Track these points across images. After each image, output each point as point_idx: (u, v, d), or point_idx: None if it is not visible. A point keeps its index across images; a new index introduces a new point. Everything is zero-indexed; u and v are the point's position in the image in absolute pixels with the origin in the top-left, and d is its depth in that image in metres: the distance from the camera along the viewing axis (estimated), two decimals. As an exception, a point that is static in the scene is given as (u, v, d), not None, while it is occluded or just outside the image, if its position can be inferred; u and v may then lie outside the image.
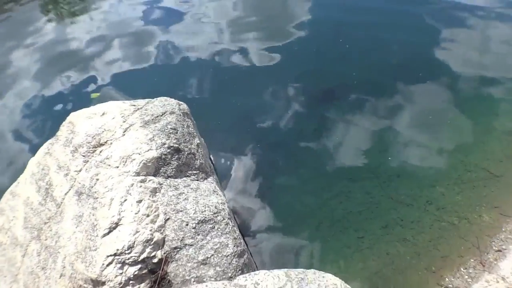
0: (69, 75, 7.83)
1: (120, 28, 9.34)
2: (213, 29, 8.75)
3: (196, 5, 9.98)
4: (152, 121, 4.08)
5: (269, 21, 8.70)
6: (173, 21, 9.36)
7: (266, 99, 6.54)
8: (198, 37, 8.51)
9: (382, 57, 7.35)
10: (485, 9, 8.49)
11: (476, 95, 6.30)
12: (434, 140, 5.60)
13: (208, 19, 9.17)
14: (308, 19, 8.57)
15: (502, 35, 7.66)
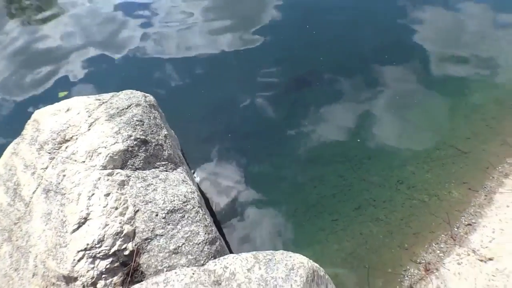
0: (36, 75, 7.66)
1: (88, 24, 9.17)
2: (183, 21, 8.67)
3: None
4: (118, 114, 4.05)
5: (239, 11, 8.66)
6: (142, 14, 9.23)
7: (236, 88, 6.54)
8: (168, 29, 8.43)
9: (348, 41, 7.43)
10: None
11: (443, 75, 6.42)
12: (403, 120, 5.69)
13: (178, 11, 9.08)
14: (276, 6, 8.53)
15: (469, 15, 7.79)
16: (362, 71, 6.61)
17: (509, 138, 5.34)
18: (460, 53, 6.80)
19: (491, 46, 6.95)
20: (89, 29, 8.94)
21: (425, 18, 7.77)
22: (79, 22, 9.32)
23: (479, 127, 5.48)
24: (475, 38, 7.19)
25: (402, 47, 7.09)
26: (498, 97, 5.93)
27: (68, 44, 8.45)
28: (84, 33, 8.81)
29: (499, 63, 6.57)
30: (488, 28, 7.46)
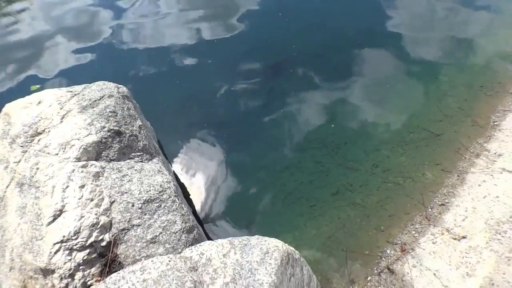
0: (6, 68, 7.49)
1: (59, 15, 8.97)
2: (157, 11, 8.59)
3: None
4: (90, 105, 4.04)
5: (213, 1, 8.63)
6: (115, 4, 9.11)
7: (212, 78, 6.52)
8: (142, 19, 8.34)
9: (321, 28, 7.48)
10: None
11: (415, 59, 6.54)
12: (377, 105, 5.78)
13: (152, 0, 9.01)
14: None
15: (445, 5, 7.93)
16: (335, 57, 6.68)
17: (479, 119, 5.48)
18: (432, 38, 6.94)
19: (462, 30, 7.11)
20: (60, 21, 8.76)
21: (398, 4, 7.87)
22: (50, 14, 9.14)
23: (451, 110, 5.60)
24: (446, 23, 7.34)
25: (374, 32, 7.18)
26: (468, 80, 6.07)
27: (39, 37, 8.28)
28: (55, 25, 8.64)
29: (470, 46, 6.74)
30: (459, 12, 7.60)
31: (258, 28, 7.56)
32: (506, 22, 7.38)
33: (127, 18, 8.45)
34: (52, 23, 8.68)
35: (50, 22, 8.79)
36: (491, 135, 5.29)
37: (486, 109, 5.62)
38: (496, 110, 5.62)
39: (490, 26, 7.27)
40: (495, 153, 5.03)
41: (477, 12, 7.62)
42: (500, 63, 6.44)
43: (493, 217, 4.35)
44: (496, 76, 6.14)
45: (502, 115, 5.56)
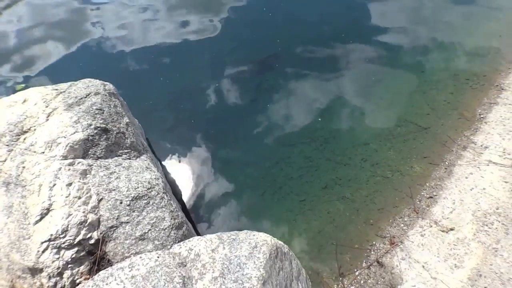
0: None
1: (45, 13, 8.86)
2: (143, 10, 8.55)
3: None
4: (76, 103, 4.01)
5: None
6: (101, 3, 9.03)
7: (200, 75, 6.51)
8: (129, 17, 8.29)
9: (305, 23, 7.55)
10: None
11: (401, 53, 6.60)
12: (365, 99, 5.82)
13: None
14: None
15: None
16: (321, 52, 6.74)
17: (466, 111, 5.54)
18: (418, 32, 7.01)
19: (447, 25, 7.18)
20: (46, 19, 8.64)
21: (384, 4, 7.92)
22: (36, 12, 9.01)
23: (438, 103, 5.65)
24: (431, 17, 7.41)
25: (360, 26, 7.27)
26: (454, 73, 6.15)
27: (24, 36, 8.17)
28: (41, 23, 8.52)
29: (455, 40, 6.81)
30: (444, 7, 7.66)
31: (243, 24, 7.57)
32: (490, 16, 7.46)
33: (113, 16, 8.36)
34: (38, 21, 8.55)
35: (35, 20, 8.66)
36: (478, 127, 5.35)
37: (472, 102, 5.69)
38: (482, 103, 5.69)
39: (474, 20, 7.36)
40: (482, 146, 5.08)
41: (461, 6, 7.69)
42: (485, 56, 6.52)
43: (480, 209, 4.40)
44: (481, 69, 6.22)
45: (488, 107, 5.62)
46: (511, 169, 4.73)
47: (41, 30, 8.27)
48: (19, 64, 7.35)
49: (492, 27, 7.13)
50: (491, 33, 6.98)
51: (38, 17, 8.79)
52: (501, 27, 7.20)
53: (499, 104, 5.66)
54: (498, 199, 4.45)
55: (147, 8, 8.40)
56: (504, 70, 6.26)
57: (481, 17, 7.43)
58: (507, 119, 5.39)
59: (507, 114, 5.48)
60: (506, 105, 5.63)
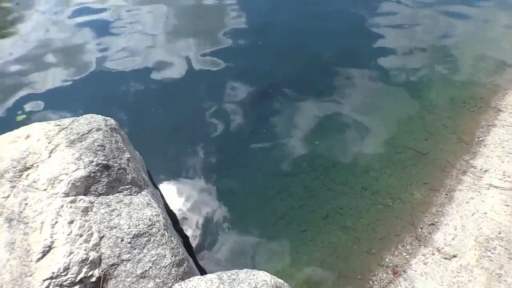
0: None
1: (47, 44, 8.97)
2: (145, 38, 8.71)
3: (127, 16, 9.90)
4: (78, 139, 4.06)
5: (198, 30, 8.74)
6: (104, 33, 9.17)
7: (200, 106, 6.56)
8: (131, 47, 8.43)
9: (302, 50, 7.69)
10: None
11: (398, 78, 6.69)
12: (363, 126, 5.85)
13: (139, 28, 9.11)
14: (234, 26, 8.70)
15: (422, 20, 8.13)
16: (318, 79, 6.84)
17: (464, 135, 5.57)
18: (413, 56, 7.09)
19: (442, 48, 7.27)
20: (47, 48, 8.77)
21: (377, 23, 8.04)
22: (37, 40, 9.16)
23: (436, 127, 5.68)
24: (426, 41, 7.53)
25: (355, 51, 7.34)
26: (451, 96, 6.19)
27: (24, 64, 8.27)
28: (42, 52, 8.63)
29: (451, 63, 6.89)
30: (438, 30, 7.78)
31: (242, 56, 7.66)
32: (484, 37, 7.56)
33: (114, 46, 8.50)
34: (38, 50, 8.67)
35: (36, 48, 8.77)
36: (477, 151, 5.37)
37: (470, 125, 5.72)
38: (480, 125, 5.72)
39: (469, 42, 7.45)
40: (481, 169, 5.09)
41: (455, 29, 7.82)
42: (480, 77, 6.60)
43: (482, 234, 4.38)
44: (478, 91, 6.27)
45: (486, 130, 5.64)
46: (511, 192, 4.72)
47: (40, 56, 8.36)
48: (17, 91, 7.37)
49: (486, 48, 7.22)
50: (485, 54, 7.05)
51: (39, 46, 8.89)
52: (496, 48, 7.29)
53: (497, 126, 5.69)
54: (499, 224, 4.44)
55: (147, 39, 8.53)
56: (501, 91, 6.31)
57: (476, 39, 7.53)
58: (505, 141, 5.41)
59: (505, 136, 5.50)
60: (504, 127, 5.65)
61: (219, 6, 9.61)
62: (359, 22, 8.27)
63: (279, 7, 9.31)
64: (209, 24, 8.89)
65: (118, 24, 9.37)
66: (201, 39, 8.29)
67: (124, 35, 8.89)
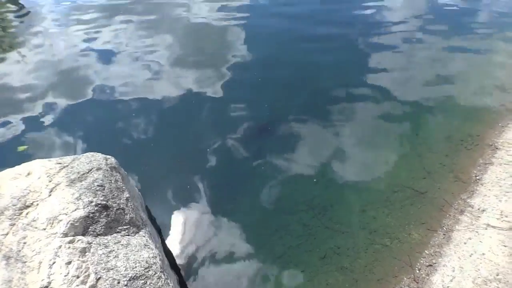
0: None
1: (50, 72, 9.14)
2: (147, 68, 8.88)
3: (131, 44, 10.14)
4: (79, 179, 4.11)
5: (199, 61, 8.89)
6: (107, 61, 9.38)
7: (199, 141, 6.61)
8: (132, 76, 8.60)
9: (301, 85, 7.82)
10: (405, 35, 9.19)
11: (395, 115, 6.75)
12: (361, 164, 5.89)
13: (142, 57, 9.31)
14: (236, 60, 8.87)
15: (420, 55, 8.29)
16: (318, 115, 6.91)
17: (461, 174, 5.60)
18: (410, 93, 7.21)
19: (438, 85, 7.38)
20: (49, 76, 8.92)
21: (375, 59, 8.20)
22: (40, 68, 9.31)
23: (433, 166, 5.72)
24: (422, 77, 7.66)
25: (355, 87, 7.48)
26: (449, 134, 6.25)
27: (26, 93, 8.39)
28: (44, 80, 8.78)
29: (447, 100, 6.99)
30: (435, 66, 7.92)
31: (242, 90, 7.79)
32: (480, 72, 7.68)
33: (114, 74, 8.68)
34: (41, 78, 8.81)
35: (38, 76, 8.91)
36: (474, 190, 5.40)
37: (467, 163, 5.75)
38: (477, 163, 5.76)
39: (465, 78, 7.58)
40: (479, 209, 5.11)
41: (452, 64, 7.96)
42: (477, 114, 6.67)
43: (480, 276, 4.37)
44: (474, 129, 6.34)
45: (483, 168, 5.68)
46: (509, 232, 4.73)
47: (43, 87, 8.47)
48: (19, 121, 7.45)
49: (482, 84, 7.33)
50: (482, 90, 7.16)
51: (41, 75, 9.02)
52: (492, 84, 7.41)
53: (494, 164, 5.73)
54: (497, 265, 4.43)
55: (148, 71, 8.66)
56: (497, 128, 6.38)
57: (472, 74, 7.66)
58: (502, 180, 5.44)
59: (502, 174, 5.53)
60: (501, 165, 5.69)
61: (221, 39, 9.82)
62: (358, 57, 8.45)
63: (281, 43, 9.50)
64: (211, 57, 9.07)
65: (119, 52, 9.59)
66: (202, 72, 8.43)
67: (126, 64, 9.09)
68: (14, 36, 11.56)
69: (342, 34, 9.47)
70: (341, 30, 9.81)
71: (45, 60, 9.59)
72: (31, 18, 12.53)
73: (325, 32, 9.60)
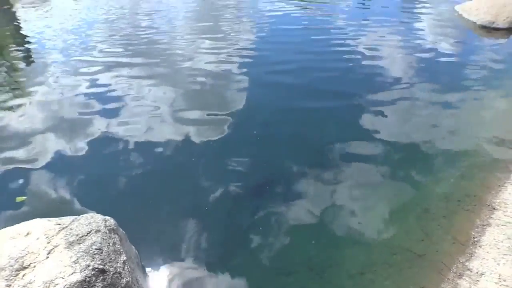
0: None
1: (51, 120, 9.30)
2: (147, 116, 9.15)
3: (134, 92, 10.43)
4: (77, 241, 4.14)
5: (199, 115, 9.06)
6: (110, 110, 9.58)
7: (196, 196, 6.64)
8: (131, 130, 8.72)
9: (301, 142, 7.99)
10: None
11: (391, 175, 6.82)
12: (358, 225, 5.87)
13: (143, 104, 9.62)
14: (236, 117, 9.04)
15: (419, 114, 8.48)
16: (315, 174, 6.97)
17: (459, 235, 5.61)
18: (407, 152, 7.31)
19: (435, 143, 7.52)
20: (50, 124, 9.08)
21: (374, 119, 8.39)
22: (41, 116, 9.50)
23: (431, 227, 5.72)
24: (419, 136, 7.82)
25: (353, 147, 7.60)
26: (446, 194, 6.28)
27: (28, 140, 8.48)
28: (45, 128, 8.92)
29: (444, 159, 7.07)
30: (431, 125, 8.10)
31: (242, 149, 7.87)
32: (475, 128, 7.85)
33: (113, 126, 8.84)
34: (42, 128, 8.91)
35: (41, 126, 9.00)
36: (472, 252, 5.39)
37: (465, 225, 5.77)
38: (475, 225, 5.78)
39: (461, 135, 7.73)
40: (477, 272, 5.09)
41: (447, 121, 8.15)
42: (473, 173, 6.76)
43: None
44: (471, 188, 6.39)
45: (481, 230, 5.70)
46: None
47: (43, 135, 8.61)
48: (18, 170, 7.50)
49: (479, 140, 7.48)
50: (478, 149, 7.28)
51: (43, 122, 9.16)
52: (488, 141, 7.55)
53: (492, 226, 5.75)
54: (497, 332, 4.40)
55: (151, 121, 8.83)
56: (494, 188, 6.43)
57: (468, 133, 7.82)
58: (500, 242, 5.45)
59: (500, 236, 5.54)
60: (498, 226, 5.71)
61: (223, 94, 10.12)
62: (355, 117, 8.63)
63: (282, 100, 9.73)
64: (212, 110, 9.25)
65: (121, 102, 9.87)
66: (203, 129, 8.58)
67: (126, 111, 9.33)
68: (18, 82, 11.93)
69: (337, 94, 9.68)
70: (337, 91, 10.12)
71: (48, 109, 9.78)
72: (36, 66, 12.90)
73: (322, 91, 9.87)
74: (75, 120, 9.22)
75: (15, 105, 10.14)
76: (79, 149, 8.08)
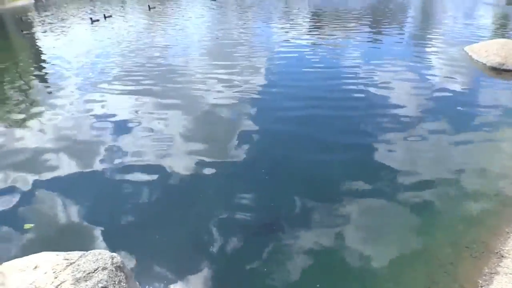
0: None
1: (62, 145, 9.67)
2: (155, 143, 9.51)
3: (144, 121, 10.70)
4: (84, 278, 4.20)
5: (206, 152, 9.21)
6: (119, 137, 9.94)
7: (202, 234, 6.66)
8: (140, 151, 9.13)
9: (306, 180, 8.08)
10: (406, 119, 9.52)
11: (399, 218, 6.83)
12: (365, 270, 5.80)
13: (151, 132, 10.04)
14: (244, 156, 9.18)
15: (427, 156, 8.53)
16: (321, 214, 7.01)
17: (467, 284, 5.52)
18: (416, 195, 7.32)
19: (443, 187, 7.50)
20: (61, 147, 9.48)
21: (380, 159, 8.48)
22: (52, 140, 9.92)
23: (438, 275, 5.65)
24: (426, 179, 7.84)
25: (359, 188, 7.66)
26: (453, 240, 6.24)
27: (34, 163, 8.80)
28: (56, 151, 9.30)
29: (453, 204, 7.04)
30: (438, 168, 8.11)
31: (249, 189, 7.93)
32: (485, 171, 7.85)
33: (121, 153, 9.15)
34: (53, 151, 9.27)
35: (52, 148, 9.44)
36: (480, 302, 5.33)
37: (472, 272, 5.69)
38: (482, 273, 5.70)
39: (470, 180, 7.71)
40: (485, 323, 5.03)
41: (457, 165, 8.15)
42: (482, 218, 6.71)
43: None
44: (480, 235, 6.33)
45: (489, 278, 5.62)
46: None
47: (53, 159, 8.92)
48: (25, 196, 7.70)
49: (487, 188, 7.44)
50: (488, 192, 7.26)
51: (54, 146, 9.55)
52: (497, 184, 7.52)
53: (499, 274, 5.67)
54: None
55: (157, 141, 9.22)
56: (503, 234, 6.37)
57: (476, 172, 7.83)
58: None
59: (508, 285, 5.46)
60: (507, 275, 5.63)
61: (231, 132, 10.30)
62: (363, 156, 8.76)
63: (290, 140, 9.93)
64: (219, 150, 9.41)
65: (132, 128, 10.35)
66: (213, 165, 8.73)
67: (134, 139, 9.75)
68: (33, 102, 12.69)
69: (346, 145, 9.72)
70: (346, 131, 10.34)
71: (58, 133, 10.31)
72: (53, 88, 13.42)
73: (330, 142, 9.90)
74: (85, 142, 9.72)
75: (28, 125, 10.57)
76: (87, 175, 8.38)
